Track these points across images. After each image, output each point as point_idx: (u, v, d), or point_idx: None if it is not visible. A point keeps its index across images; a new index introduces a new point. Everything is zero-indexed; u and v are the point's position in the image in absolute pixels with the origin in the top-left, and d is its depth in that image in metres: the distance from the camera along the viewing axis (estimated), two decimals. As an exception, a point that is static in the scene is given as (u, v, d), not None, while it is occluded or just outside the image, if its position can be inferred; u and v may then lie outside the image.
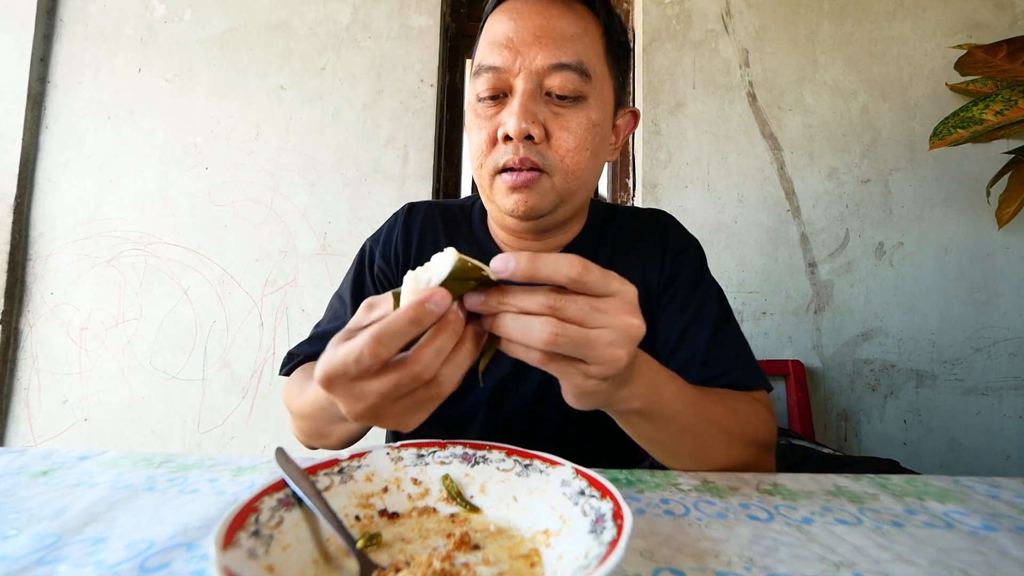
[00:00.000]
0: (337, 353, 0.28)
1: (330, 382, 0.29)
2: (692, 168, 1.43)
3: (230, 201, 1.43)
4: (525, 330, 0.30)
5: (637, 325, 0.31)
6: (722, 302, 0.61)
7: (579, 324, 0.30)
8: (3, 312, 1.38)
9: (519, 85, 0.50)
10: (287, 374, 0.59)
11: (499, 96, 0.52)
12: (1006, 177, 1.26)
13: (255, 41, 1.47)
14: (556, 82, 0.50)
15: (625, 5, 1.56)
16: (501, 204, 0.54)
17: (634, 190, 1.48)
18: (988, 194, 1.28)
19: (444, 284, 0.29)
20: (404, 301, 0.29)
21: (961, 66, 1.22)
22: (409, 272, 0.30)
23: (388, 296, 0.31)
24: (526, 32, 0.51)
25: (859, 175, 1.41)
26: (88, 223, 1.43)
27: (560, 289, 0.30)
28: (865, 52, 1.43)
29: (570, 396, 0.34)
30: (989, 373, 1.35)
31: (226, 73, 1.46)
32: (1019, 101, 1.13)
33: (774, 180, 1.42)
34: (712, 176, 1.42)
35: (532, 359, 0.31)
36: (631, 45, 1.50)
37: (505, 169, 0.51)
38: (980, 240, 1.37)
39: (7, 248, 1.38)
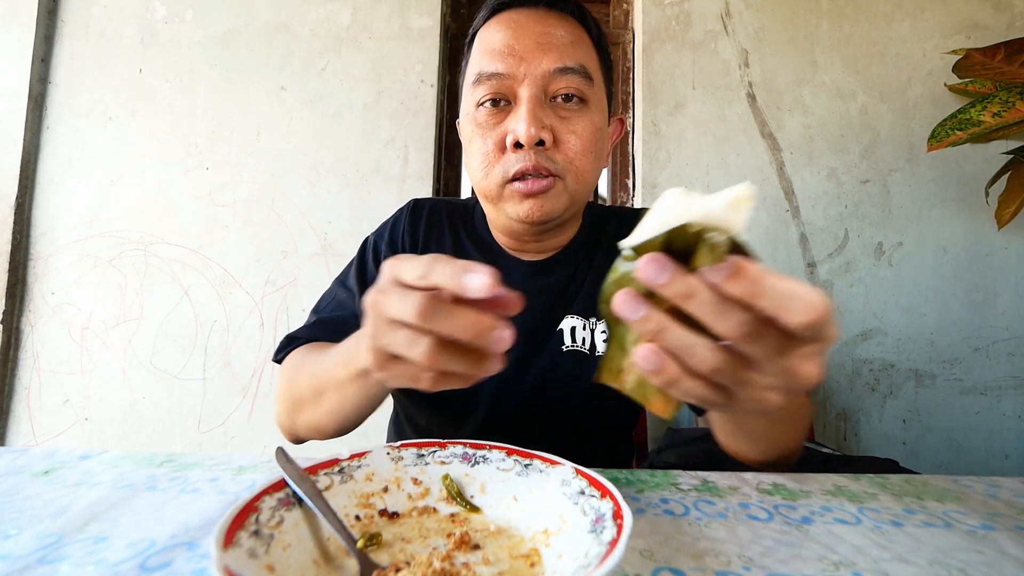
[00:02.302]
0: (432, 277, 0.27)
1: (425, 313, 0.27)
2: (691, 168, 1.43)
3: (231, 201, 1.43)
4: (685, 349, 0.25)
5: (814, 375, 0.25)
6: None
7: (751, 366, 0.25)
8: (4, 312, 1.38)
9: (524, 91, 0.50)
10: (281, 360, 0.58)
11: (500, 103, 0.52)
12: (1005, 177, 1.26)
13: (256, 42, 1.47)
14: (561, 85, 0.51)
15: (625, 5, 1.56)
16: (513, 212, 0.53)
17: (634, 190, 1.48)
18: (987, 194, 1.28)
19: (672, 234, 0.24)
20: (655, 212, 0.25)
21: (959, 69, 1.22)
22: (681, 189, 0.25)
23: (450, 258, 0.29)
24: (527, 39, 0.51)
25: (858, 175, 1.41)
26: (89, 223, 1.43)
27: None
28: (864, 53, 1.43)
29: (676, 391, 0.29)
30: (988, 373, 1.35)
31: (227, 74, 1.46)
32: (1017, 103, 1.13)
33: (773, 180, 1.42)
34: (712, 176, 1.43)
35: (654, 375, 0.26)
36: (632, 46, 1.51)
37: (516, 177, 0.51)
38: (979, 240, 1.37)
39: (8, 248, 1.38)
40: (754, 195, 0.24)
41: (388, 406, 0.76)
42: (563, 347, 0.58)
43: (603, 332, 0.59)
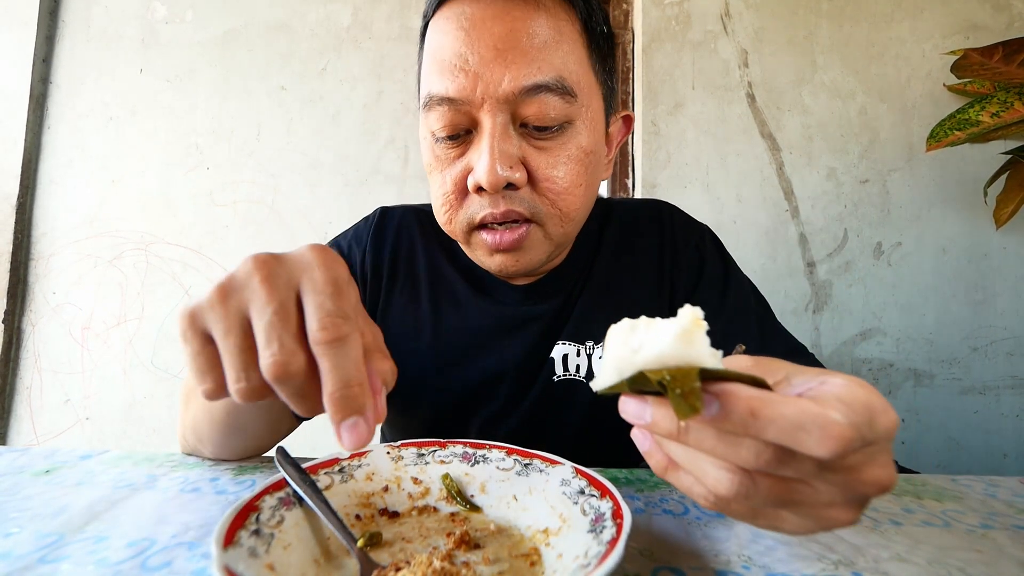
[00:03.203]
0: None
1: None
2: (691, 168, 1.43)
3: (231, 201, 1.44)
4: (696, 469, 0.22)
5: (884, 479, 0.20)
6: (755, 291, 0.55)
7: (789, 482, 0.20)
8: (5, 312, 1.38)
9: (486, 121, 0.39)
10: None
11: (460, 134, 0.41)
12: (1004, 177, 1.26)
13: (256, 42, 1.47)
14: (533, 110, 0.39)
15: (625, 5, 1.56)
16: (483, 263, 0.46)
17: (633, 190, 1.48)
18: (986, 194, 1.28)
19: (637, 376, 0.21)
20: (607, 351, 0.23)
21: (957, 69, 1.22)
22: (625, 322, 0.23)
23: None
24: (483, 46, 0.39)
25: (857, 175, 1.41)
26: (90, 223, 1.43)
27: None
28: (863, 53, 1.43)
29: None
30: (987, 372, 1.35)
31: (227, 74, 1.46)
32: (1015, 103, 1.13)
33: (773, 180, 1.42)
34: (711, 176, 1.43)
35: (696, 497, 0.22)
36: (632, 46, 1.50)
37: (482, 225, 0.42)
38: (978, 240, 1.37)
39: (9, 248, 1.39)
40: (701, 318, 0.21)
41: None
42: (555, 377, 0.51)
43: (602, 357, 0.52)
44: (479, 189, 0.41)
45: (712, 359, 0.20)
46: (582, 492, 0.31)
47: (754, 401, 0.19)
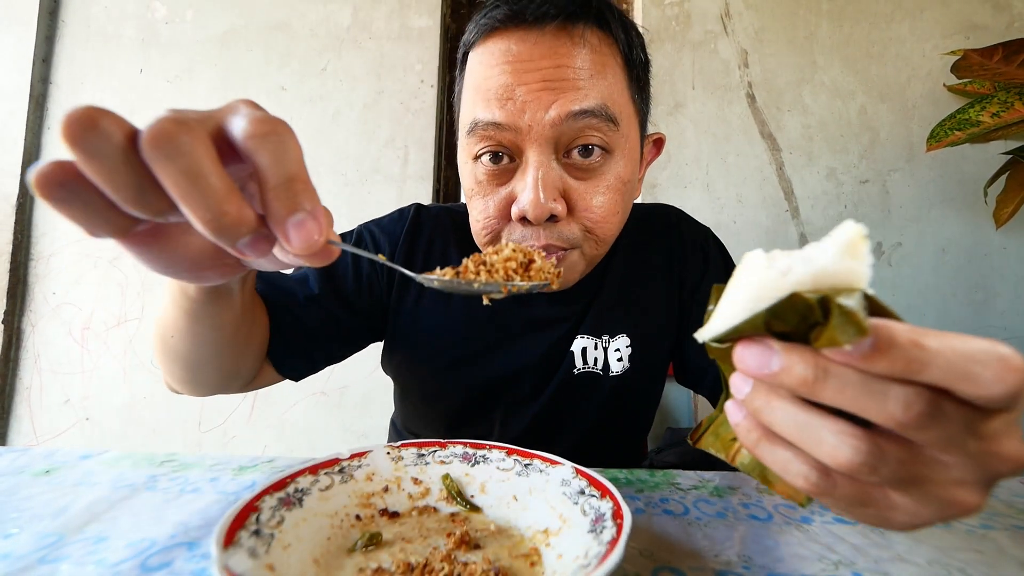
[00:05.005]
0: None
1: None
2: (691, 168, 1.43)
3: (230, 201, 1.44)
4: (808, 437, 0.19)
5: (1016, 454, 0.18)
6: None
7: (926, 457, 0.18)
8: (5, 312, 1.38)
9: (531, 152, 0.41)
10: None
11: (502, 158, 0.43)
12: (1003, 177, 1.26)
13: (256, 42, 1.47)
14: (578, 136, 0.41)
15: (625, 5, 1.56)
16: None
17: (634, 191, 1.48)
18: (985, 194, 1.28)
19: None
20: (736, 286, 0.20)
21: (957, 69, 1.22)
22: (759, 251, 0.20)
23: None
24: (531, 79, 0.40)
25: (857, 175, 1.41)
26: (89, 223, 1.43)
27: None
28: (863, 53, 1.43)
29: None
30: (988, 373, 1.35)
31: (227, 74, 1.46)
32: (1015, 103, 1.13)
33: (773, 180, 1.42)
34: (711, 176, 1.43)
35: (792, 476, 0.20)
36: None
37: None
38: (978, 240, 1.38)
39: (9, 248, 1.39)
40: (865, 233, 0.18)
41: (389, 407, 0.76)
42: (574, 370, 0.55)
43: (617, 350, 0.55)
44: (523, 219, 0.42)
45: (871, 291, 0.18)
46: (582, 492, 0.31)
47: (917, 332, 0.16)
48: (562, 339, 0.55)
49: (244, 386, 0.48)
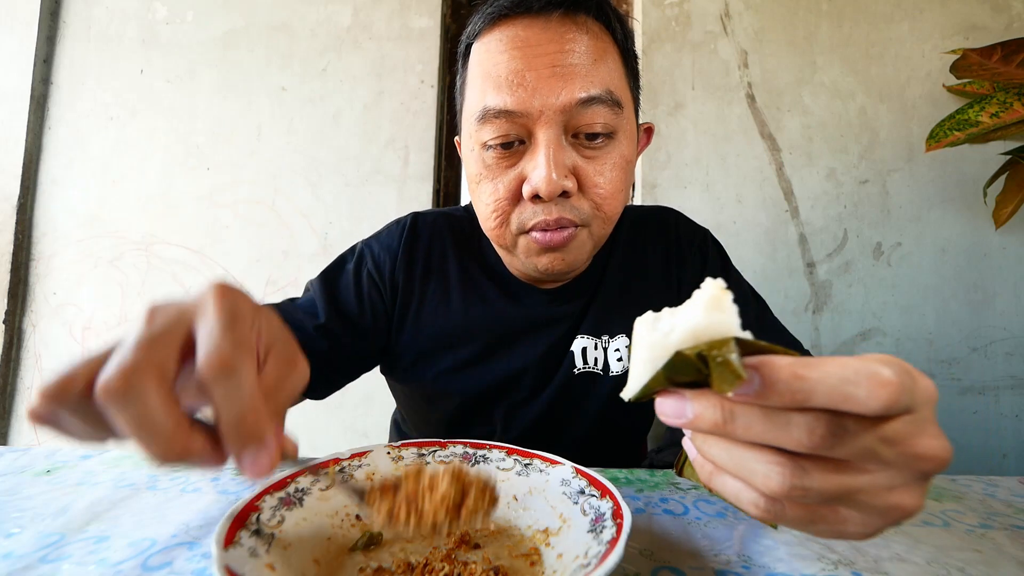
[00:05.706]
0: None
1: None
2: (691, 169, 1.43)
3: (232, 202, 1.44)
4: (743, 469, 0.20)
5: (935, 448, 0.19)
6: (753, 291, 0.61)
7: (844, 468, 0.19)
8: (6, 312, 1.38)
9: (541, 133, 0.42)
10: None
11: (513, 144, 0.44)
12: (1003, 178, 1.26)
13: (256, 42, 1.47)
14: (585, 120, 0.43)
15: (625, 6, 1.56)
16: (530, 264, 0.48)
17: (633, 191, 1.48)
18: (985, 195, 1.28)
19: (675, 356, 0.20)
20: (636, 348, 0.22)
21: (956, 69, 1.22)
22: (649, 314, 0.22)
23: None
24: (541, 65, 0.42)
25: (857, 176, 1.41)
26: (91, 223, 1.43)
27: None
28: (863, 53, 1.43)
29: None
30: (986, 373, 1.35)
31: (228, 74, 1.46)
32: (1015, 103, 1.13)
33: (773, 181, 1.43)
34: (711, 177, 1.43)
35: (745, 505, 0.21)
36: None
37: (532, 228, 0.45)
38: (977, 240, 1.38)
39: (10, 248, 1.39)
40: (724, 286, 0.20)
41: (390, 406, 0.76)
42: (574, 370, 0.56)
43: (617, 350, 0.56)
44: (535, 197, 0.44)
45: (744, 334, 0.20)
46: (582, 492, 0.32)
47: (796, 365, 0.18)
48: (562, 339, 0.56)
49: None
